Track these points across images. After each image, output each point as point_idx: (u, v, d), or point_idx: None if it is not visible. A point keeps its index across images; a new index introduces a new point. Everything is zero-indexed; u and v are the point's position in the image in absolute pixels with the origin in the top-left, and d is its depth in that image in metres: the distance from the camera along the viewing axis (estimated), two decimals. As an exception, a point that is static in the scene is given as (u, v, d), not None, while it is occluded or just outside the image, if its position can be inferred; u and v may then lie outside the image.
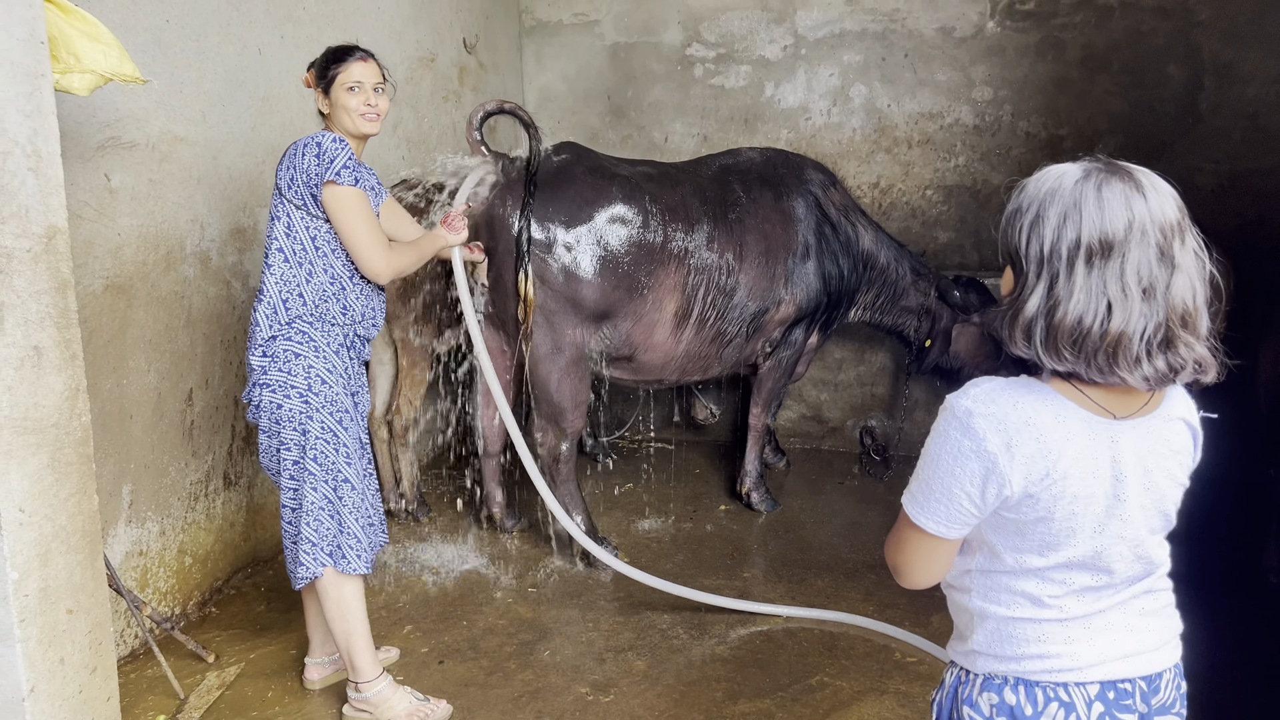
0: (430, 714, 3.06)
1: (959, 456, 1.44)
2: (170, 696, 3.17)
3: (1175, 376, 1.40)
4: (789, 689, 3.26)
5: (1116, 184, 1.38)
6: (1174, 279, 1.36)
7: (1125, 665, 1.50)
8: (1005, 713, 1.51)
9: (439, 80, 5.41)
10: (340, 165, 2.83)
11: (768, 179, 4.51)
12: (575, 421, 4.05)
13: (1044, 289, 1.40)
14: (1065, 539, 1.45)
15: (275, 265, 2.90)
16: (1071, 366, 1.41)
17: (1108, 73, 5.48)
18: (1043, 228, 1.40)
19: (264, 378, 2.89)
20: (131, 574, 3.42)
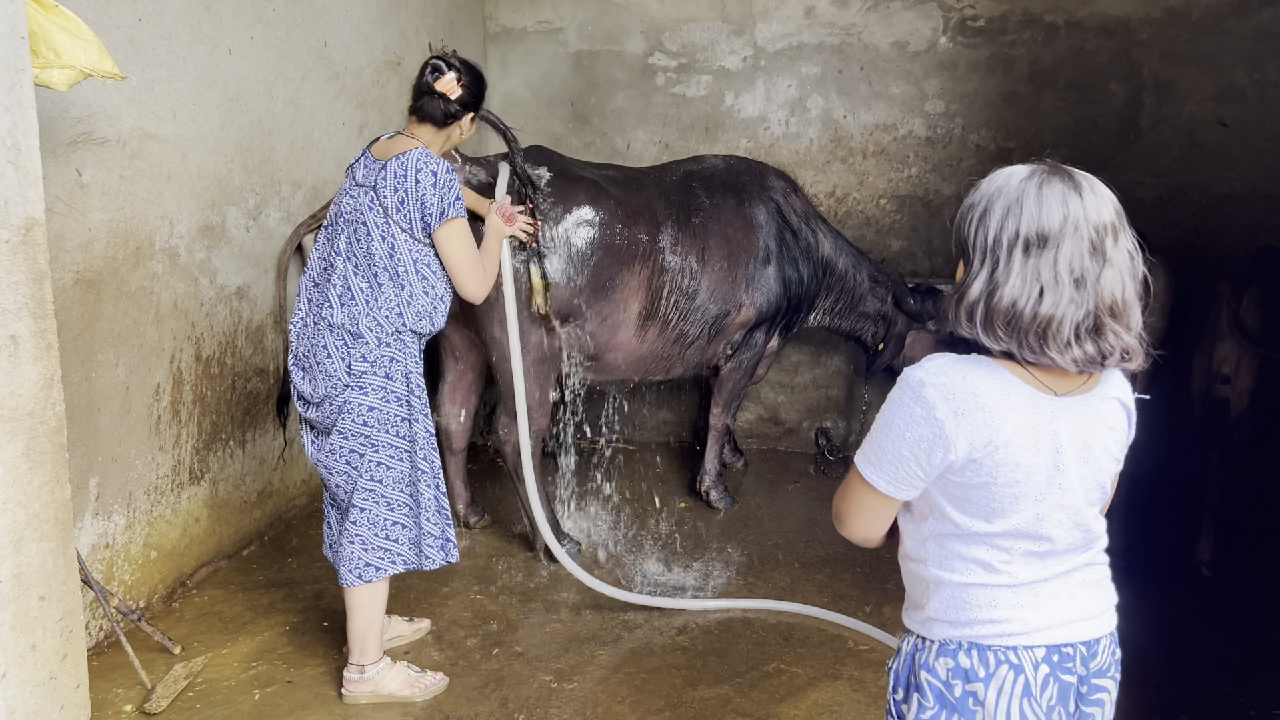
0: (428, 685, 3.23)
1: (910, 422, 1.56)
2: (137, 687, 3.20)
3: (1103, 361, 1.52)
4: (746, 675, 3.37)
5: (1056, 184, 1.52)
6: (1104, 272, 1.49)
7: (1068, 631, 1.62)
8: (960, 675, 1.62)
9: (405, 83, 5.47)
10: (456, 197, 2.97)
11: (730, 185, 4.65)
12: (540, 419, 4.14)
13: (986, 275, 1.54)
14: (1009, 505, 1.56)
15: (384, 285, 2.97)
16: (1006, 346, 1.54)
17: (1054, 88, 5.69)
18: (988, 220, 1.54)
19: (361, 380, 2.97)
20: (97, 566, 3.44)
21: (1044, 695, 1.60)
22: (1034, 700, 1.59)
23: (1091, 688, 1.65)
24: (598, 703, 3.20)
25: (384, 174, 2.96)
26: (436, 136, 3.12)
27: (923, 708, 1.64)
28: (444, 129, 3.11)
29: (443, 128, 3.11)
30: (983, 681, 1.60)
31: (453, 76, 3.05)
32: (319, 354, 3.00)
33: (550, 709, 3.16)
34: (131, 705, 3.12)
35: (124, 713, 3.10)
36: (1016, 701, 1.59)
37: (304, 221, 4.39)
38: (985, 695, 1.59)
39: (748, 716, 3.13)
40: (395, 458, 3.04)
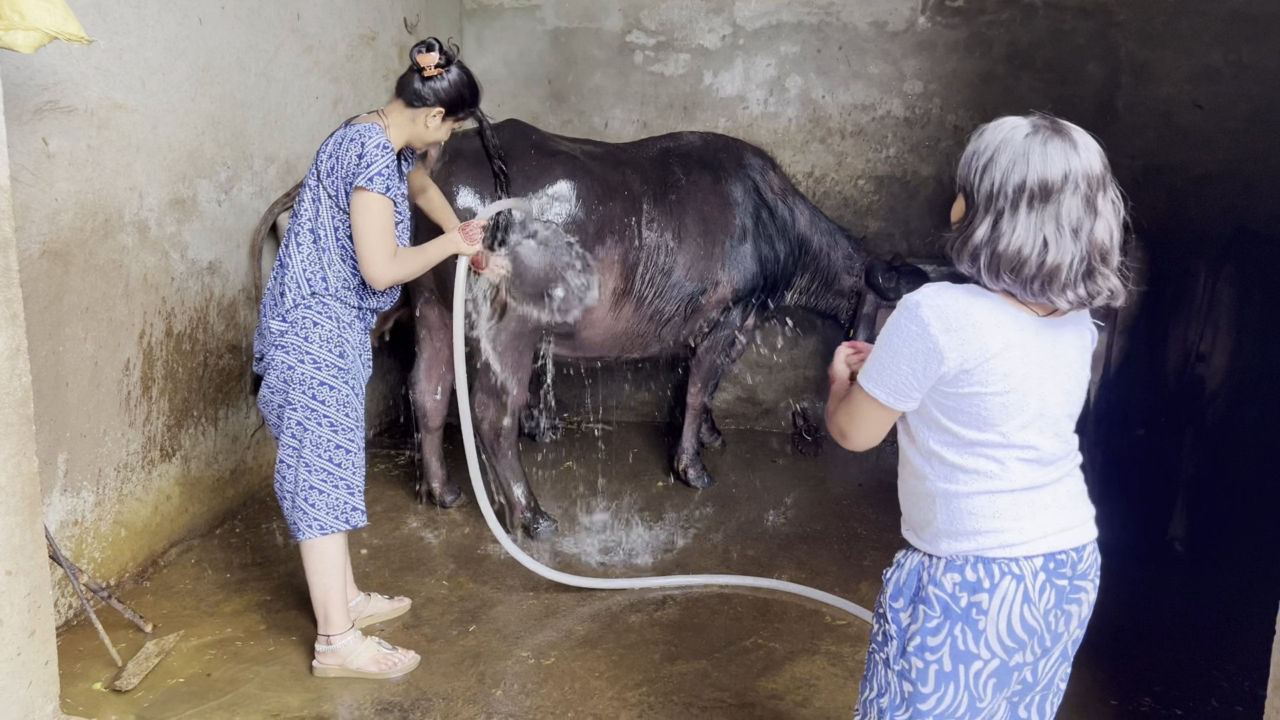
0: (398, 662, 3.20)
1: (906, 339, 1.70)
2: (108, 665, 3.16)
3: (1093, 300, 1.68)
4: (724, 650, 3.37)
5: (1058, 141, 1.65)
6: (1095, 223, 1.64)
7: (1061, 538, 1.76)
8: (967, 588, 1.74)
9: (379, 59, 5.41)
10: (375, 172, 2.93)
11: (707, 162, 4.62)
12: (517, 396, 4.11)
13: (990, 222, 1.67)
14: (999, 414, 1.70)
15: (304, 245, 3.04)
16: (1008, 288, 1.68)
17: (1031, 69, 5.70)
18: (993, 170, 1.66)
19: (281, 339, 3.04)
20: (66, 544, 3.39)
21: (1042, 599, 1.73)
22: (1033, 605, 1.72)
23: (1074, 588, 1.78)
24: (575, 678, 3.19)
25: (327, 141, 3.04)
26: (403, 117, 3.08)
27: (929, 617, 1.77)
28: (410, 110, 3.07)
29: (409, 107, 3.06)
30: (987, 592, 1.72)
31: (435, 57, 3.03)
32: (262, 311, 3.13)
33: (528, 684, 3.14)
34: (101, 683, 3.08)
35: (94, 690, 3.05)
36: (1018, 608, 1.72)
37: (278, 200, 4.32)
38: (989, 605, 1.72)
39: (725, 691, 3.13)
40: (313, 420, 3.06)
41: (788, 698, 3.10)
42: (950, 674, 1.76)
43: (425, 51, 3.05)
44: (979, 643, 1.74)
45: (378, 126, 2.98)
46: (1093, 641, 3.41)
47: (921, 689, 1.78)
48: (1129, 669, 3.30)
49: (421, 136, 3.12)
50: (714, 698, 3.09)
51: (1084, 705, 3.07)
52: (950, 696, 1.77)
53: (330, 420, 3.07)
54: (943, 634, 1.75)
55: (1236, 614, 3.68)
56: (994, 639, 1.73)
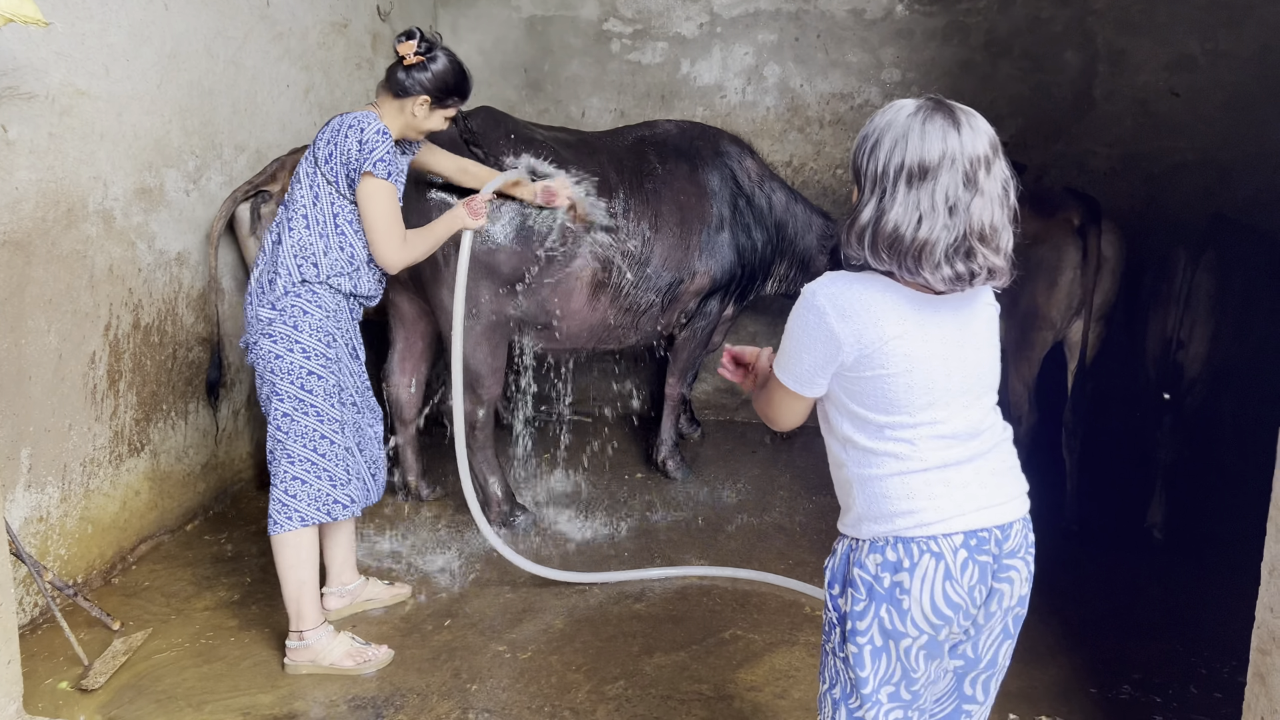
0: (371, 657, 3.16)
1: (806, 329, 1.75)
2: (74, 664, 3.09)
3: (972, 280, 1.70)
4: (703, 642, 3.34)
5: (938, 120, 1.67)
6: (974, 201, 1.66)
7: (981, 516, 1.77)
8: (888, 568, 1.77)
9: (352, 47, 5.33)
10: (378, 158, 2.96)
11: (684, 151, 4.57)
12: (492, 388, 4.05)
13: (875, 202, 1.71)
14: (904, 395, 1.73)
15: (298, 230, 3.03)
16: (888, 266, 1.72)
17: (1009, 57, 5.68)
18: (878, 152, 1.70)
19: (269, 328, 3.02)
20: (31, 540, 3.32)
21: (965, 576, 1.76)
22: (955, 582, 1.75)
23: (1002, 566, 1.80)
24: (552, 672, 3.15)
25: (324, 129, 3.04)
26: (392, 108, 3.12)
27: (856, 600, 1.80)
28: (398, 100, 3.11)
29: (396, 98, 3.10)
30: (908, 571, 1.75)
31: (414, 44, 3.05)
32: (246, 300, 3.10)
33: (503, 679, 3.10)
34: (67, 682, 3.02)
35: (59, 689, 2.99)
36: (939, 585, 1.75)
37: (239, 188, 4.15)
38: (910, 584, 1.75)
39: (704, 683, 3.10)
40: (299, 410, 3.04)
41: (767, 689, 3.07)
42: (882, 648, 1.81)
43: (405, 40, 3.07)
44: (905, 621, 1.77)
45: (374, 114, 3.03)
46: (1071, 629, 3.44)
47: (860, 673, 1.82)
48: (1107, 657, 3.30)
49: (413, 126, 3.16)
50: (692, 690, 3.06)
51: (1063, 694, 3.06)
52: (885, 667, 1.82)
53: (317, 410, 3.05)
54: (869, 615, 1.79)
55: (1215, 601, 3.68)
56: (919, 617, 1.76)
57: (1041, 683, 3.13)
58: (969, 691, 1.91)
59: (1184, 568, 4.03)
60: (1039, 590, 3.68)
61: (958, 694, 1.92)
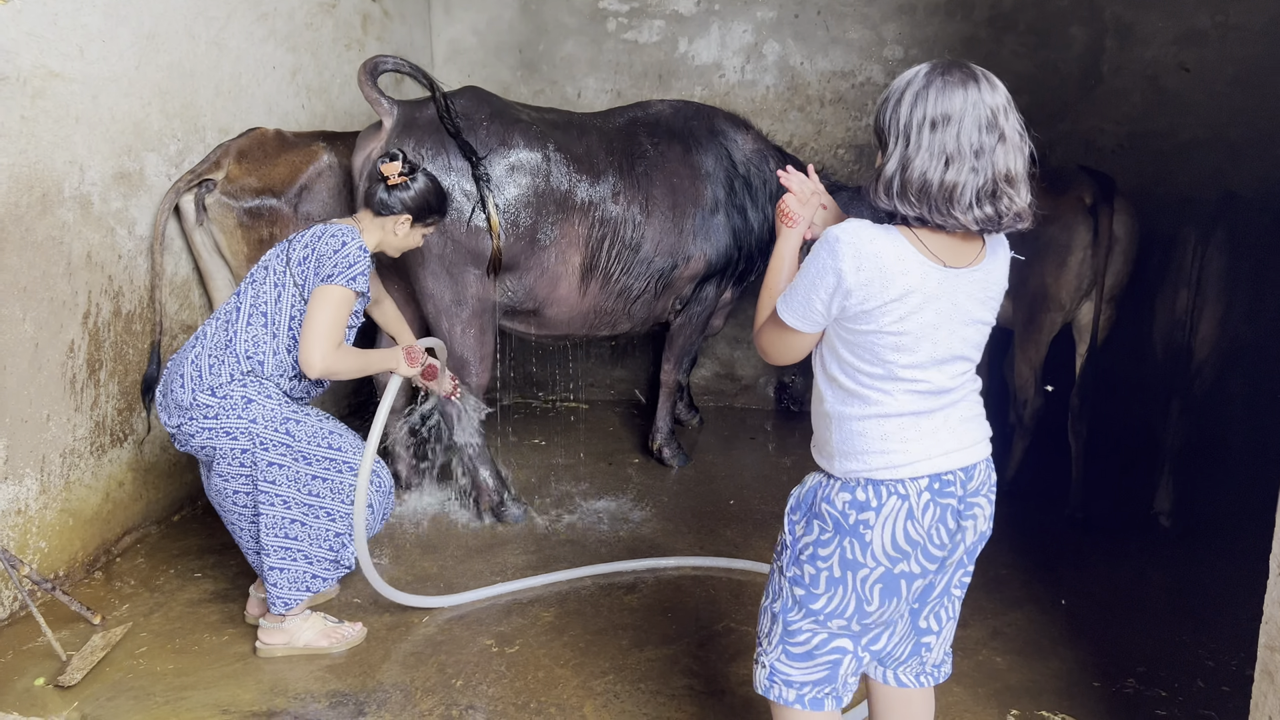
0: (346, 635, 3.17)
1: (821, 271, 1.81)
2: (52, 659, 3.03)
3: (1000, 221, 1.78)
4: (695, 635, 3.25)
5: (955, 73, 1.77)
6: (998, 146, 1.75)
7: (947, 460, 1.88)
8: (855, 507, 1.89)
9: (341, 27, 5.22)
10: (359, 271, 2.92)
11: (677, 132, 4.46)
12: (481, 376, 3.97)
13: (900, 153, 1.79)
14: (892, 353, 1.82)
15: (255, 325, 2.97)
16: (919, 212, 1.78)
17: (1014, 32, 5.55)
18: (900, 108, 1.79)
19: (217, 422, 2.91)
20: (9, 534, 3.25)
21: (925, 517, 1.87)
22: (916, 522, 1.87)
23: (967, 505, 1.91)
24: (540, 666, 3.07)
25: (304, 233, 3.02)
26: (373, 224, 3.13)
27: (822, 530, 1.93)
28: (380, 218, 3.12)
29: (379, 215, 3.12)
30: (874, 511, 1.87)
31: (398, 166, 3.08)
32: (172, 382, 2.97)
33: (490, 674, 3.02)
34: (44, 678, 2.95)
35: (35, 686, 2.92)
36: (901, 523, 1.86)
37: (181, 178, 3.88)
38: (875, 521, 1.87)
39: (695, 677, 3.01)
40: (265, 501, 2.97)
41: (760, 684, 2.99)
42: (839, 579, 1.92)
43: (389, 161, 3.09)
44: (865, 553, 1.88)
45: (356, 230, 3.01)
46: (1074, 621, 3.35)
47: (814, 591, 1.95)
48: (1112, 649, 3.20)
49: (391, 244, 3.18)
50: (683, 685, 2.97)
51: (1065, 688, 2.97)
52: (839, 598, 1.93)
53: (283, 499, 2.98)
54: (832, 545, 1.91)
55: (1223, 591, 3.58)
56: (879, 550, 1.88)
57: (1043, 676, 3.04)
58: (924, 625, 2.04)
59: (1191, 556, 3.92)
60: (1040, 580, 3.64)
61: (914, 630, 2.05)
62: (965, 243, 1.84)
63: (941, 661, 2.12)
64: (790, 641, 2.00)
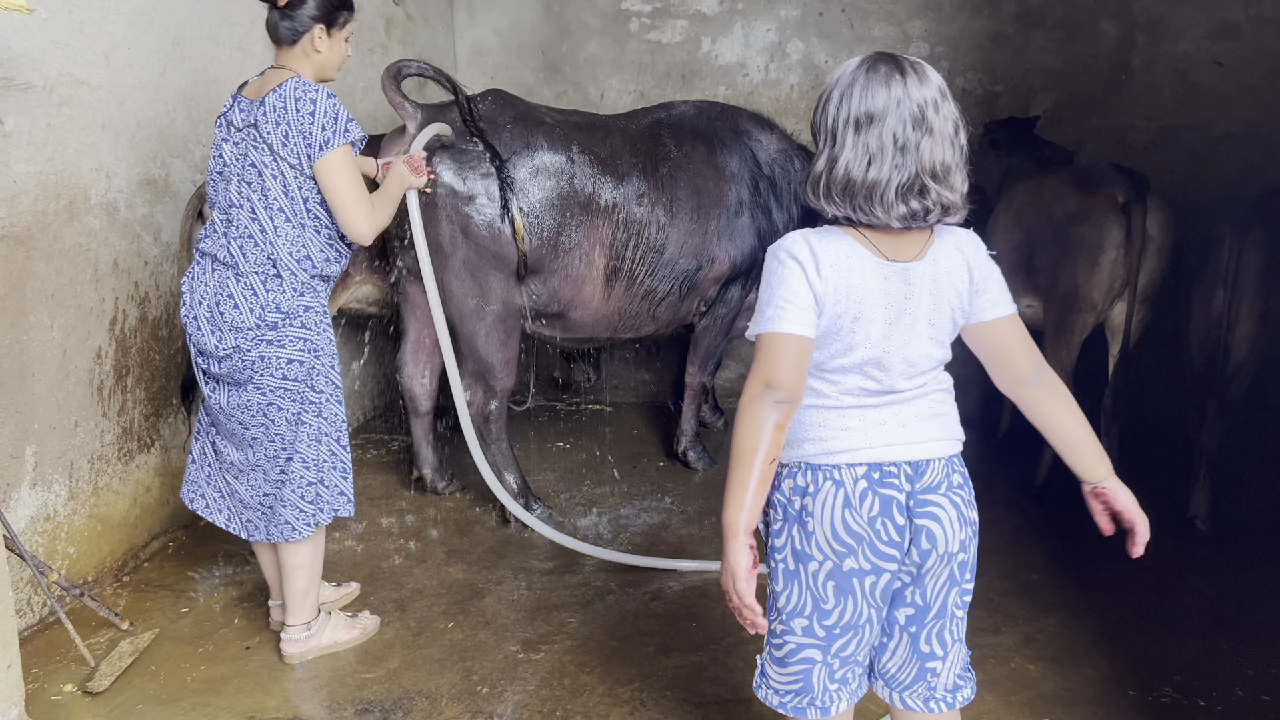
0: (364, 624, 3.23)
1: (781, 273, 1.79)
2: (80, 665, 3.04)
3: (926, 216, 1.75)
4: (722, 642, 3.22)
5: (881, 69, 1.75)
6: (923, 141, 1.72)
7: (889, 451, 1.83)
8: (798, 492, 1.89)
9: (364, 31, 5.23)
10: (342, 126, 2.76)
11: (701, 132, 4.42)
12: (505, 379, 3.95)
13: (828, 152, 1.79)
14: (844, 351, 1.81)
15: (281, 227, 2.81)
16: (843, 210, 1.78)
17: (1042, 28, 5.47)
18: (829, 107, 1.79)
19: (273, 334, 2.82)
20: (39, 539, 3.27)
21: (864, 506, 1.82)
22: (854, 511, 1.83)
23: (920, 502, 1.84)
24: (565, 673, 3.05)
25: (262, 110, 2.76)
26: (299, 60, 2.86)
27: (774, 519, 1.94)
28: (295, 47, 2.84)
29: (294, 46, 2.84)
30: (811, 496, 1.85)
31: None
32: (224, 304, 2.83)
33: (515, 681, 3.00)
34: (73, 684, 2.96)
35: (65, 692, 2.93)
36: (839, 512, 1.83)
37: (204, 183, 3.93)
38: (813, 508, 1.85)
39: (723, 686, 2.98)
40: (311, 412, 2.94)
41: (788, 692, 2.95)
42: (794, 573, 1.90)
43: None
44: (810, 543, 1.86)
45: (303, 78, 2.78)
46: (1108, 628, 3.28)
47: (778, 587, 1.94)
48: (1147, 657, 3.14)
49: (325, 65, 2.91)
50: (711, 693, 2.94)
51: (1099, 697, 2.92)
52: (797, 595, 1.91)
53: (330, 407, 2.97)
54: (785, 535, 1.90)
55: (1262, 596, 3.51)
56: (822, 541, 1.85)
57: (1076, 685, 2.98)
58: (926, 649, 1.95)
59: (1229, 561, 3.84)
60: (1072, 585, 3.57)
61: (916, 655, 1.96)
62: (906, 236, 1.81)
63: (955, 687, 2.01)
64: (771, 642, 2.00)
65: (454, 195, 3.68)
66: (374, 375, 5.55)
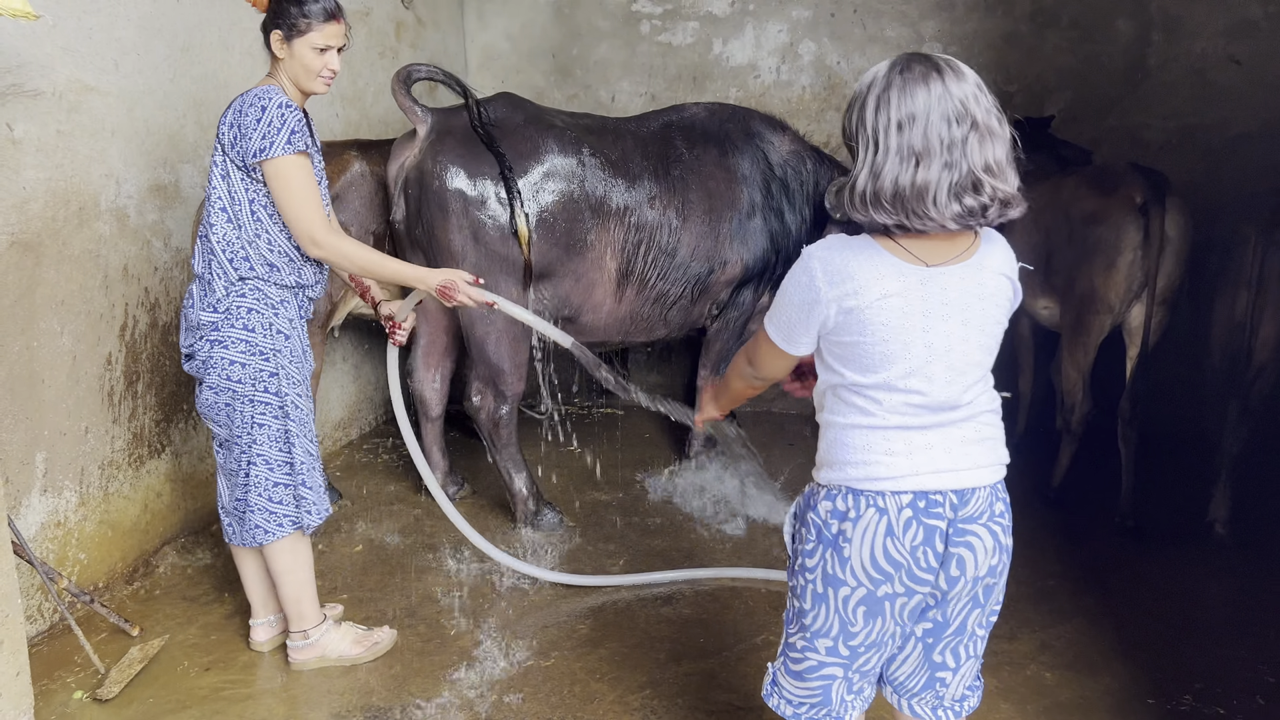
0: (379, 640, 3.15)
1: (797, 288, 1.80)
2: (91, 672, 3.03)
3: (984, 214, 1.70)
4: (734, 649, 3.19)
5: (917, 68, 1.69)
6: (971, 136, 1.66)
7: (936, 479, 1.78)
8: (836, 516, 1.84)
9: (374, 36, 5.22)
10: (285, 138, 2.69)
11: (713, 135, 4.39)
12: (515, 384, 3.93)
13: (870, 161, 1.71)
14: (880, 362, 1.76)
15: (218, 225, 2.81)
16: (895, 219, 1.71)
17: (1057, 27, 5.42)
18: (865, 113, 1.72)
19: (215, 334, 2.81)
20: (49, 546, 3.27)
21: (907, 535, 1.78)
22: (896, 539, 1.78)
23: (959, 530, 1.79)
24: (575, 680, 3.02)
25: (227, 111, 2.77)
26: (273, 66, 2.82)
27: (807, 539, 1.90)
28: (271, 55, 2.80)
29: (268, 50, 2.80)
30: (852, 521, 1.81)
31: None
32: (187, 302, 2.88)
33: (526, 688, 2.98)
34: (82, 691, 2.95)
35: (74, 699, 2.92)
36: (880, 539, 1.79)
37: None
38: (853, 534, 1.81)
39: (734, 693, 2.95)
40: (268, 414, 2.88)
41: (800, 699, 2.91)
42: (822, 596, 1.87)
43: None
44: (845, 569, 1.82)
45: (275, 86, 2.75)
46: (1126, 634, 3.23)
47: (804, 605, 1.91)
48: (1166, 665, 3.09)
49: (294, 73, 2.79)
50: (722, 700, 2.91)
51: (1117, 705, 2.87)
52: (823, 618, 1.88)
53: (286, 412, 2.89)
54: (817, 556, 1.87)
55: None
56: (858, 568, 1.81)
57: (1094, 693, 2.94)
58: (939, 660, 1.92)
59: (1248, 567, 3.79)
60: (1089, 591, 3.52)
61: (928, 664, 1.93)
62: (950, 240, 1.76)
63: (963, 696, 1.98)
64: (789, 655, 1.97)
65: (464, 199, 3.66)
66: (384, 381, 5.54)
